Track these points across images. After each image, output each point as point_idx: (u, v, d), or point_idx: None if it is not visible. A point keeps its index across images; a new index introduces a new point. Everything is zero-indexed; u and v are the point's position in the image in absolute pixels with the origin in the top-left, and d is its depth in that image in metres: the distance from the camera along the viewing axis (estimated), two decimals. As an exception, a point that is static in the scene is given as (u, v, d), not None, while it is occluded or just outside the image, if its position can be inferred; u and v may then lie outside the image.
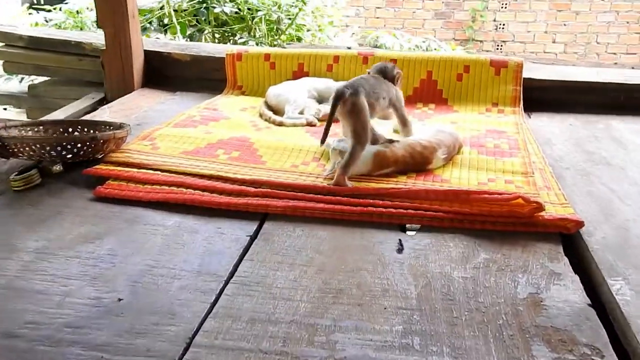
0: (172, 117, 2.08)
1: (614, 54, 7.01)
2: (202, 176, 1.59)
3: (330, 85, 2.26)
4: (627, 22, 6.85)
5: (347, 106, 1.51)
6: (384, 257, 1.25)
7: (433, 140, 1.66)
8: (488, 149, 1.79)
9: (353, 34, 5.34)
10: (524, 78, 2.31)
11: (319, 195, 1.47)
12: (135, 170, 1.62)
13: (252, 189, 1.51)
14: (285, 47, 2.74)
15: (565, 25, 6.95)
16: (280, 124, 2.06)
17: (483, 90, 2.30)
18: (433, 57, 2.35)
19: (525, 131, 1.99)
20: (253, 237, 1.33)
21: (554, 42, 7.06)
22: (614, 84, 2.28)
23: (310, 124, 2.06)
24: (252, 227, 1.38)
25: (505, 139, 1.89)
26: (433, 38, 4.93)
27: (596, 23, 6.91)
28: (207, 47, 2.70)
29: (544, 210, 1.34)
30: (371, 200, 1.44)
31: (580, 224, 1.33)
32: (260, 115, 2.15)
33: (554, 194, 1.51)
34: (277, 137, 1.90)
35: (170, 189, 1.52)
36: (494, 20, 7.12)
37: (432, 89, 2.32)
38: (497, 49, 7.19)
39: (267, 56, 2.47)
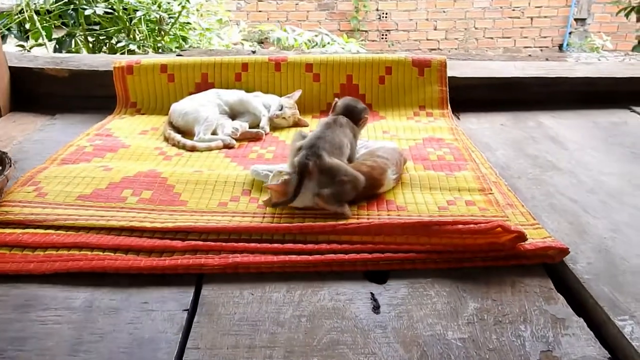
0: (56, 150, 1.71)
1: (491, 38, 7.29)
2: (110, 230, 1.28)
3: (242, 98, 1.99)
4: (501, 7, 7.16)
5: (316, 175, 1.32)
6: (360, 321, 1.03)
7: (379, 160, 1.45)
8: (433, 162, 1.62)
9: (240, 30, 5.02)
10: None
11: (264, 244, 1.22)
12: (19, 230, 1.27)
13: (179, 243, 1.22)
14: (181, 55, 2.39)
15: (444, 12, 7.12)
16: (193, 149, 1.75)
17: (408, 93, 2.14)
18: (352, 59, 2.14)
19: (462, 136, 1.85)
20: (192, 312, 1.06)
21: (435, 29, 7.22)
22: (537, 78, 2.21)
23: (227, 146, 1.78)
24: (187, 296, 1.10)
25: (447, 147, 1.73)
26: (325, 31, 4.74)
27: (472, 9, 7.17)
28: (88, 59, 2.30)
29: (526, 239, 1.18)
30: (327, 246, 1.21)
31: (564, 251, 1.19)
32: (166, 139, 1.83)
33: (519, 212, 1.37)
34: (193, 167, 1.61)
35: (70, 254, 1.19)
36: (377, 10, 7.14)
37: (353, 94, 2.09)
38: (382, 38, 7.22)
39: (163, 67, 2.12)
